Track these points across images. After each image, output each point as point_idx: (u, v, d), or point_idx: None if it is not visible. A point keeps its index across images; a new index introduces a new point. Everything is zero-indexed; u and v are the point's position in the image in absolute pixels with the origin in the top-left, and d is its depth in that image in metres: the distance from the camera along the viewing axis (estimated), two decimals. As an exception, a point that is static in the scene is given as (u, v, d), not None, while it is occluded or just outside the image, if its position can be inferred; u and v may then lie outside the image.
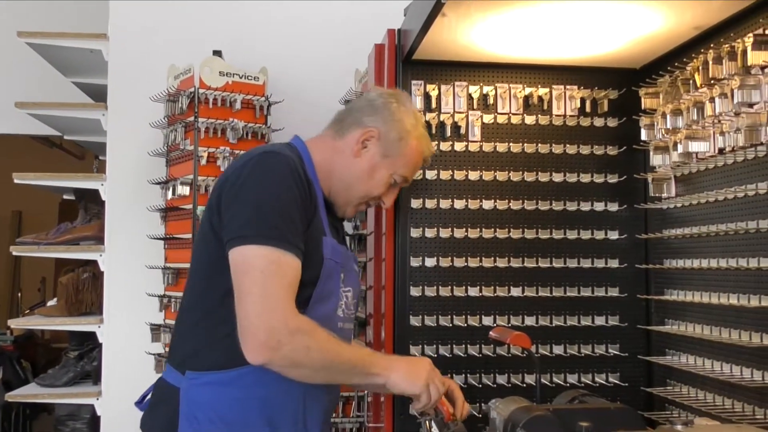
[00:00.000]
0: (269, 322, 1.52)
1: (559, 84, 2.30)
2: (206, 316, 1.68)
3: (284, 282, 1.56)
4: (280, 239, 1.57)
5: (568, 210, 2.28)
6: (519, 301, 2.26)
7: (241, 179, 1.64)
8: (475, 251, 2.24)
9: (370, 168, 1.84)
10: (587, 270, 2.28)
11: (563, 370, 2.26)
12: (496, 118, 2.28)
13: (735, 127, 1.72)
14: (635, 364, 2.28)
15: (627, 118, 2.28)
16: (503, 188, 2.27)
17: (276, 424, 1.66)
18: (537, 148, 2.28)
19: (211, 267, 1.67)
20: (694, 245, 2.05)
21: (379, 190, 1.87)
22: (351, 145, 1.84)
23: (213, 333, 1.62)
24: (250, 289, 1.54)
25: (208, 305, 1.67)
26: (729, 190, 1.82)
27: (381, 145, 1.83)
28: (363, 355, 1.72)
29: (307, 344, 1.56)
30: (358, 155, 1.83)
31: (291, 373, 1.59)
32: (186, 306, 1.79)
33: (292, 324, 1.54)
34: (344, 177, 1.84)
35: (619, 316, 2.28)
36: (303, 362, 1.56)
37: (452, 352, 2.21)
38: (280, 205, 1.61)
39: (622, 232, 2.29)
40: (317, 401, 1.74)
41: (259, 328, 1.52)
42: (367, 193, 1.87)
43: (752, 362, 1.78)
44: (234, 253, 1.58)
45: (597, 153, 2.29)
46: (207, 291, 1.69)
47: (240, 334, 1.54)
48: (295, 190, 1.64)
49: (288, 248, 1.58)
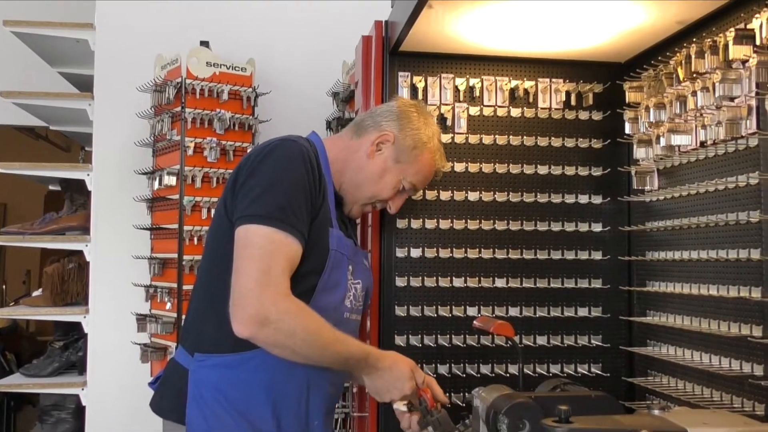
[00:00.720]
0: (260, 298, 1.56)
1: (545, 77, 2.32)
2: (215, 299, 1.71)
3: (281, 262, 1.60)
4: (284, 221, 1.62)
5: (552, 202, 2.30)
6: (503, 292, 2.28)
7: (257, 162, 1.70)
8: (460, 242, 2.26)
9: (382, 170, 1.89)
10: (571, 261, 2.30)
11: (546, 360, 2.28)
12: (482, 110, 2.29)
13: (716, 120, 1.75)
14: (617, 355, 2.31)
15: (611, 112, 2.31)
16: (489, 180, 2.29)
17: (279, 406, 1.71)
18: (522, 141, 2.30)
19: (221, 250, 1.71)
20: (675, 237, 2.08)
21: (386, 193, 1.91)
22: (366, 146, 1.90)
23: (221, 316, 1.64)
24: (246, 265, 1.58)
25: (217, 289, 1.69)
26: (710, 182, 1.84)
27: (395, 150, 1.89)
28: (352, 351, 1.73)
29: (294, 328, 1.59)
30: (371, 156, 1.89)
31: (274, 352, 1.63)
32: (197, 289, 1.85)
33: (282, 304, 1.57)
34: (355, 176, 1.89)
35: (601, 307, 2.31)
36: (286, 344, 1.60)
37: (437, 342, 2.23)
38: (289, 189, 1.66)
39: (606, 225, 2.32)
40: (320, 389, 1.78)
41: (249, 301, 1.56)
42: (375, 194, 1.91)
43: (731, 352, 1.81)
44: (239, 231, 1.63)
45: (582, 146, 2.31)
46: (217, 274, 1.72)
47: (231, 306, 1.58)
48: (305, 177, 1.69)
49: (290, 231, 1.62)
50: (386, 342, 2.19)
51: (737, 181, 1.73)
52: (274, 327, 1.56)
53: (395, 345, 2.19)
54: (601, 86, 2.32)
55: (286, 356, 1.65)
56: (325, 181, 1.78)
